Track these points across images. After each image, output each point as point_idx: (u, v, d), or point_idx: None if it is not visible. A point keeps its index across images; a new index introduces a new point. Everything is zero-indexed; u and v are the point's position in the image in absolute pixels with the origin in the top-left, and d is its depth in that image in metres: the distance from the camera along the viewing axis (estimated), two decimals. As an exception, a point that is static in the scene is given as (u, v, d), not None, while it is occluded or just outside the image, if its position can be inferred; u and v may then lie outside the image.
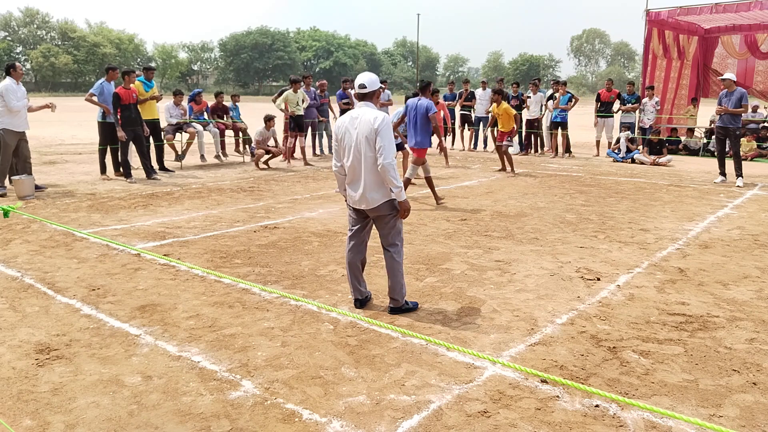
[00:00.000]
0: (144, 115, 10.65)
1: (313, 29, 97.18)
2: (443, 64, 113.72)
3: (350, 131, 4.04)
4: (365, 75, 4.15)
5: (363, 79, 4.11)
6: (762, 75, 15.78)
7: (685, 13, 14.55)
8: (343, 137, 4.08)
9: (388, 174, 3.95)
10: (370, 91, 4.09)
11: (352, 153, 4.04)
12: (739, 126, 9.91)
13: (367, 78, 4.11)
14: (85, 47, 74.84)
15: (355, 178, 4.07)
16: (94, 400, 3.02)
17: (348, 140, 4.05)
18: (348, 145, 4.05)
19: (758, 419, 2.89)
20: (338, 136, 4.13)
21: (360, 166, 4.02)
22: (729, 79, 9.92)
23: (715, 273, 5.19)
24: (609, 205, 8.25)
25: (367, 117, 3.97)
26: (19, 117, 8.68)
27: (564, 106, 13.79)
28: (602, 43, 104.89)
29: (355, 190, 4.09)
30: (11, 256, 5.55)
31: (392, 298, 4.23)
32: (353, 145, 4.02)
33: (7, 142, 8.68)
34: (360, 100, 4.16)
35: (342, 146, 4.11)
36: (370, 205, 4.08)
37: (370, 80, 4.10)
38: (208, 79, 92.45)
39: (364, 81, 4.08)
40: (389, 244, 4.22)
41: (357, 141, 4.00)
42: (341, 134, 4.10)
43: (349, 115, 4.08)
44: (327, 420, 2.86)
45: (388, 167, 3.93)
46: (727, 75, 10.17)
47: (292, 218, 7.34)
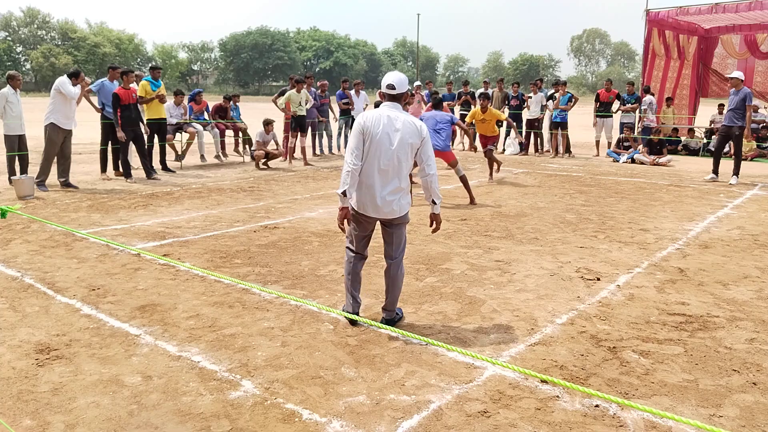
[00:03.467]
0: (151, 114, 10.68)
1: (313, 29, 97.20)
2: (443, 64, 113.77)
3: (389, 133, 3.66)
4: (394, 75, 3.77)
5: (392, 79, 3.74)
6: (762, 75, 15.78)
7: (685, 13, 14.55)
8: (376, 137, 3.66)
9: (433, 185, 3.76)
10: (399, 93, 3.75)
11: (386, 156, 3.66)
12: (743, 125, 9.97)
13: (396, 78, 3.75)
14: (85, 47, 74.88)
15: (383, 184, 3.69)
16: (94, 400, 3.02)
17: (384, 141, 3.65)
18: (383, 146, 3.66)
19: (758, 419, 2.89)
20: (368, 135, 3.68)
21: (396, 171, 3.69)
22: (736, 78, 10.00)
23: (715, 273, 5.19)
24: (609, 205, 8.26)
25: (411, 121, 3.69)
26: (66, 115, 9.05)
27: (564, 106, 13.79)
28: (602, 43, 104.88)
29: (377, 196, 3.70)
30: (11, 256, 5.55)
31: (389, 310, 4.00)
32: (392, 148, 3.65)
33: (52, 138, 9.04)
34: (387, 101, 3.80)
35: (371, 146, 3.67)
36: (396, 214, 3.77)
37: (399, 80, 3.74)
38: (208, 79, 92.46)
39: (393, 81, 3.72)
40: (397, 255, 3.95)
41: (399, 145, 3.65)
42: (374, 133, 3.66)
43: (383, 114, 3.69)
44: (327, 420, 2.86)
45: (435, 178, 3.76)
46: (735, 74, 10.24)
47: (292, 218, 7.34)
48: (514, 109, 14.66)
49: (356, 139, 3.70)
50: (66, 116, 9.05)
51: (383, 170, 3.68)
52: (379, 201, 3.71)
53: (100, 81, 10.26)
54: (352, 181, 3.69)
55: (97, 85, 10.19)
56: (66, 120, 9.05)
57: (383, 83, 3.78)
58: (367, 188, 3.72)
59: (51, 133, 9.03)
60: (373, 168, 3.68)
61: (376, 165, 3.68)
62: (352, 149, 3.69)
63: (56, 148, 9.12)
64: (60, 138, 9.10)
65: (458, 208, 7.99)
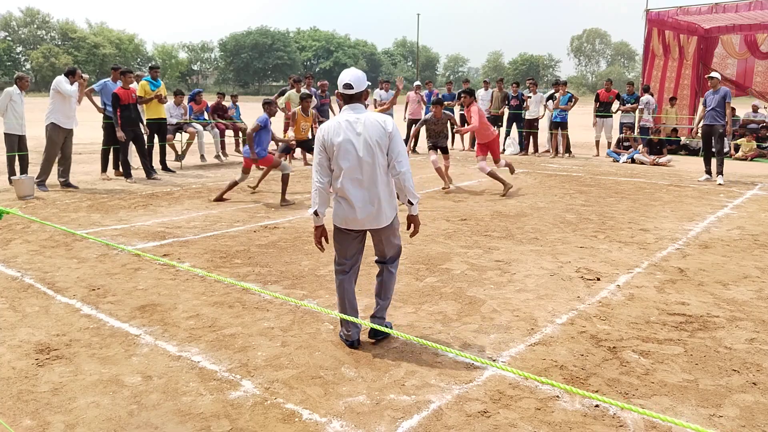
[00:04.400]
0: (150, 114, 10.67)
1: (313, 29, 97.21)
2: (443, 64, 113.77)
3: (351, 138, 3.37)
4: (351, 73, 3.45)
5: (349, 77, 3.42)
6: (762, 75, 15.77)
7: (685, 12, 14.55)
8: (340, 146, 3.37)
9: (407, 183, 3.46)
10: (359, 92, 3.44)
11: (357, 163, 3.37)
12: (724, 124, 10.08)
13: (353, 76, 3.43)
14: (85, 47, 74.90)
15: (364, 193, 3.40)
16: (94, 400, 3.02)
17: (348, 149, 3.36)
18: (349, 155, 3.37)
19: (758, 419, 2.89)
20: (329, 145, 3.39)
21: (374, 177, 3.39)
22: (715, 78, 10.17)
23: (715, 273, 5.19)
24: (609, 205, 8.26)
25: (373, 119, 3.40)
26: (67, 114, 9.05)
27: (564, 106, 13.80)
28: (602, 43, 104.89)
29: (361, 208, 3.41)
30: (11, 256, 5.55)
31: (379, 317, 3.72)
32: (360, 154, 3.37)
33: (53, 138, 9.06)
34: (346, 102, 3.47)
35: (338, 157, 3.39)
36: (383, 223, 3.48)
37: (357, 78, 3.44)
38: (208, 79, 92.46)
39: (350, 80, 3.41)
40: (391, 259, 3.70)
41: (366, 148, 3.36)
42: (335, 143, 3.37)
43: (342, 120, 3.40)
44: (327, 420, 2.86)
45: (408, 175, 3.46)
46: (714, 74, 10.43)
47: (292, 218, 7.34)
48: (513, 109, 14.66)
49: (319, 154, 3.44)
50: (66, 116, 9.07)
51: (357, 180, 3.39)
52: (361, 213, 3.43)
53: (102, 81, 10.31)
54: (321, 200, 3.47)
55: (100, 85, 10.23)
56: (66, 119, 9.07)
57: (339, 83, 3.44)
58: (346, 202, 3.43)
59: (51, 133, 9.04)
60: (346, 180, 3.39)
61: (348, 176, 3.39)
62: (316, 166, 3.45)
63: (57, 148, 9.15)
64: (61, 138, 9.12)
65: (458, 209, 7.99)
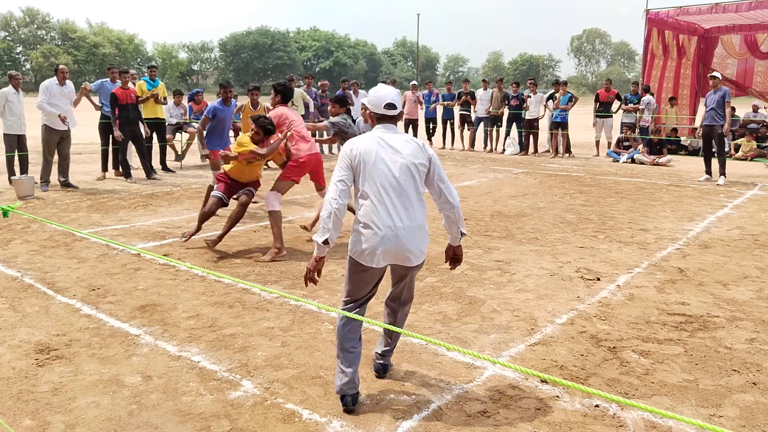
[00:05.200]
0: (147, 114, 10.66)
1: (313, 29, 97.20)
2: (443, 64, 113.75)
3: (385, 157, 2.89)
4: (391, 91, 3.02)
5: (391, 96, 2.99)
6: (762, 75, 15.78)
7: (685, 13, 14.56)
8: (374, 165, 2.88)
9: (459, 214, 3.06)
10: (399, 113, 3.05)
11: (392, 186, 2.87)
12: (723, 124, 10.07)
13: (395, 94, 3.03)
14: (85, 47, 74.91)
15: (397, 222, 2.86)
16: (94, 400, 3.02)
17: (382, 169, 2.87)
18: (383, 176, 2.87)
19: (758, 419, 2.89)
20: (359, 164, 2.90)
21: (410, 204, 2.90)
22: (716, 78, 10.18)
23: (715, 273, 5.19)
24: (609, 205, 8.26)
25: (411, 140, 2.99)
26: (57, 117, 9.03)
27: (564, 106, 13.80)
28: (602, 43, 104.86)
29: (392, 240, 2.86)
30: (11, 256, 5.54)
31: (387, 356, 3.32)
32: (396, 175, 2.88)
33: (47, 139, 9.08)
34: (385, 122, 3.01)
35: (368, 177, 2.88)
36: (417, 260, 2.98)
37: (398, 98, 3.04)
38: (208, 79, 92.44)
39: (394, 99, 2.99)
40: (410, 299, 3.28)
41: (404, 170, 2.89)
42: (366, 161, 2.89)
43: (375, 136, 2.96)
44: (327, 420, 2.86)
45: (460, 209, 3.06)
46: (715, 73, 10.46)
47: (292, 218, 7.34)
48: (513, 109, 14.66)
49: (343, 171, 2.90)
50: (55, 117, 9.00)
51: (390, 206, 2.87)
52: (393, 246, 2.86)
53: (100, 81, 10.32)
54: (336, 225, 2.83)
55: (97, 85, 10.24)
56: (58, 120, 9.02)
57: (378, 101, 2.99)
58: (373, 232, 2.86)
59: (45, 135, 9.07)
60: (376, 205, 2.87)
61: (379, 200, 2.87)
62: (337, 183, 2.87)
63: (52, 148, 9.14)
64: (55, 139, 9.10)
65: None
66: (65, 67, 9.33)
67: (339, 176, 2.90)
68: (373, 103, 3.01)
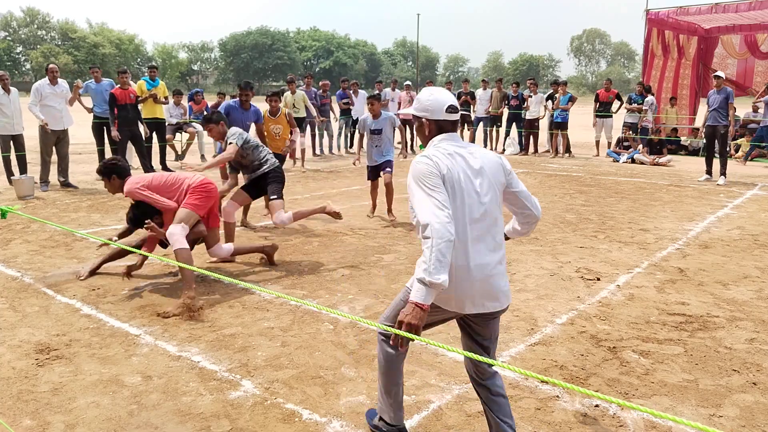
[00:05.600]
0: (145, 114, 10.65)
1: (313, 29, 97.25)
2: (443, 64, 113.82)
3: (471, 176, 2.34)
4: (447, 92, 2.48)
5: (451, 97, 2.46)
6: (762, 75, 15.77)
7: (685, 12, 14.56)
8: (461, 186, 2.31)
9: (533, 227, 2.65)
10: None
11: (479, 212, 2.32)
12: (726, 124, 10.06)
13: (452, 96, 2.48)
14: (85, 47, 74.93)
15: (485, 256, 2.32)
16: (94, 400, 3.02)
17: (469, 191, 2.32)
18: (470, 200, 2.31)
19: (758, 419, 2.89)
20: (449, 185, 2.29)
21: (497, 232, 2.39)
22: (720, 78, 10.14)
23: (715, 273, 5.19)
24: (609, 205, 8.25)
25: (488, 153, 2.44)
26: (52, 115, 9.03)
27: (564, 106, 13.80)
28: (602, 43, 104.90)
29: (482, 279, 2.31)
30: (11, 256, 5.54)
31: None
32: (483, 200, 2.34)
33: (43, 140, 9.09)
34: (449, 131, 2.44)
35: (453, 203, 2.28)
36: (507, 301, 2.42)
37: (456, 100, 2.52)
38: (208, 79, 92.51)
39: (454, 101, 2.46)
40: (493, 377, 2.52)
41: (490, 191, 2.37)
42: (454, 180, 2.30)
43: (452, 152, 2.35)
44: (327, 420, 2.86)
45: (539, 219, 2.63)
46: (719, 73, 10.44)
47: (292, 218, 7.33)
48: (513, 109, 14.66)
49: (437, 188, 2.23)
50: (53, 116, 9.03)
51: (479, 236, 2.32)
52: (481, 286, 2.31)
53: (85, 83, 10.30)
54: (444, 264, 2.12)
55: (84, 87, 10.21)
56: (54, 120, 9.03)
57: (439, 105, 2.41)
58: (466, 271, 2.29)
59: (42, 135, 9.08)
60: (465, 235, 2.29)
61: (469, 231, 2.30)
62: (438, 204, 2.19)
63: (49, 149, 9.17)
64: (51, 139, 9.10)
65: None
66: (55, 66, 9.29)
67: (436, 198, 2.20)
68: (430, 108, 2.42)
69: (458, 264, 2.28)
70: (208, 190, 4.73)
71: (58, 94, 9.09)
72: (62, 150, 9.26)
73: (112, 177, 4.81)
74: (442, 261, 2.11)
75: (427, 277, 2.10)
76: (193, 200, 4.62)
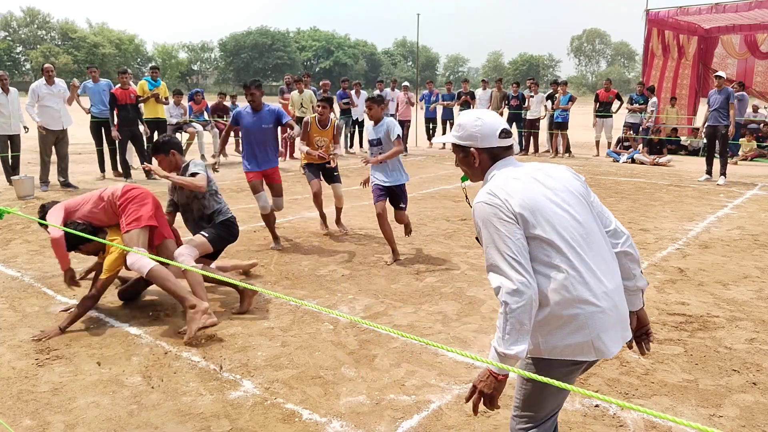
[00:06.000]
0: (148, 113, 10.67)
1: (313, 29, 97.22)
2: (443, 64, 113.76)
3: (549, 195, 1.97)
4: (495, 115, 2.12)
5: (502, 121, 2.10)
6: (762, 75, 15.78)
7: (685, 13, 14.55)
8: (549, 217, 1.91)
9: (635, 249, 2.10)
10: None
11: (580, 234, 1.93)
12: (727, 125, 10.06)
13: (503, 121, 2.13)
14: (85, 47, 74.91)
15: (602, 285, 1.91)
16: (94, 400, 3.02)
17: (562, 218, 1.93)
18: (564, 222, 1.92)
19: (758, 419, 2.89)
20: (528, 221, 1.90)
21: (607, 254, 1.98)
22: (721, 78, 10.15)
23: (715, 273, 5.19)
24: (609, 205, 8.24)
25: (551, 166, 2.13)
26: (50, 115, 9.01)
27: (564, 106, 13.80)
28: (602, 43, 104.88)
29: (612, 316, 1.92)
30: (11, 256, 5.54)
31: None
32: (580, 218, 1.96)
33: (42, 140, 9.10)
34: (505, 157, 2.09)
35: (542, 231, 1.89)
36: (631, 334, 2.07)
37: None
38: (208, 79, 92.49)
39: (505, 124, 2.11)
40: None
41: (580, 206, 2.00)
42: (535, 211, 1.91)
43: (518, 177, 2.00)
44: (327, 420, 2.86)
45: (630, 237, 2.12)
46: (720, 73, 10.44)
47: (292, 218, 7.34)
48: (513, 109, 14.66)
49: (510, 238, 1.86)
50: (51, 117, 9.03)
51: (593, 262, 1.93)
52: (618, 319, 1.95)
53: (83, 83, 10.30)
54: (528, 325, 1.83)
55: (81, 87, 10.21)
56: (52, 120, 9.03)
57: (491, 130, 2.05)
58: (595, 307, 1.88)
59: (40, 135, 9.08)
60: (578, 268, 1.89)
61: (579, 259, 1.90)
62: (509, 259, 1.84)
63: (48, 149, 9.17)
64: (50, 139, 9.10)
65: (459, 208, 7.99)
66: (50, 66, 9.29)
67: (510, 244, 1.85)
68: (479, 135, 2.05)
69: (586, 302, 1.87)
70: (136, 196, 4.07)
71: (56, 94, 9.07)
72: (61, 150, 9.25)
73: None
74: (519, 330, 1.80)
75: (500, 347, 1.82)
76: (129, 218, 3.97)
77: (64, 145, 9.30)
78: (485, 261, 1.92)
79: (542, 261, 1.89)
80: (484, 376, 1.88)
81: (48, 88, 9.02)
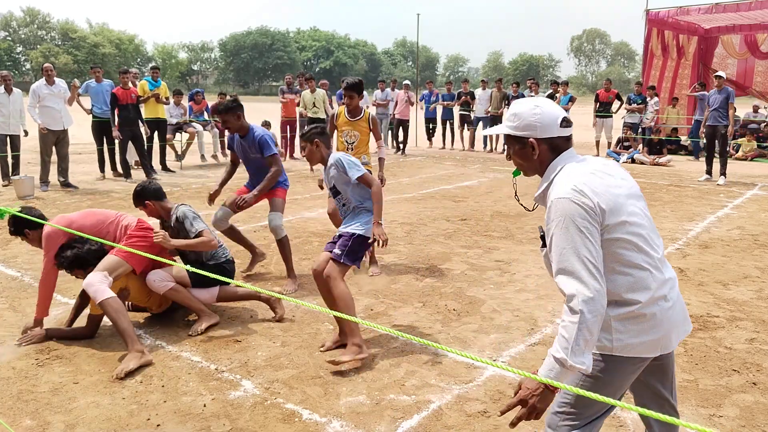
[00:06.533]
0: (147, 113, 10.67)
1: (313, 29, 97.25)
2: (443, 64, 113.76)
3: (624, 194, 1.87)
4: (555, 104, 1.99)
5: (561, 109, 1.95)
6: (762, 75, 15.77)
7: (685, 12, 14.55)
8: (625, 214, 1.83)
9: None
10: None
11: (650, 236, 1.89)
12: (726, 125, 10.06)
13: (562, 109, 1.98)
14: (85, 47, 74.94)
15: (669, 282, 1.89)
16: (94, 400, 3.02)
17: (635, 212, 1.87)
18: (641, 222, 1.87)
19: (758, 419, 2.89)
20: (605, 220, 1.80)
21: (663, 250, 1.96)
22: (721, 78, 10.17)
23: (715, 273, 5.19)
24: (609, 205, 8.25)
25: (617, 165, 2.01)
26: (51, 116, 9.01)
27: (565, 106, 13.80)
28: (602, 43, 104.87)
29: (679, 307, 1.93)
30: (11, 256, 5.54)
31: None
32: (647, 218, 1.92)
33: (43, 140, 9.10)
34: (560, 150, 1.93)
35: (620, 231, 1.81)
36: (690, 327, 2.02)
37: None
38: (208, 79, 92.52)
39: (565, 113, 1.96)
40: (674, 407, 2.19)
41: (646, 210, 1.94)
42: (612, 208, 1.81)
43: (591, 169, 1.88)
44: (327, 420, 2.86)
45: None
46: (720, 73, 10.45)
47: (292, 218, 7.34)
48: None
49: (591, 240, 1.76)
50: (51, 117, 9.05)
51: (661, 259, 1.91)
52: (679, 307, 1.94)
53: (85, 83, 10.31)
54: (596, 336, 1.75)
55: (83, 86, 10.22)
56: (52, 121, 9.04)
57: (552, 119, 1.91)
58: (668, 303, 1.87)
59: (41, 135, 9.09)
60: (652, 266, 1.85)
61: (653, 257, 1.87)
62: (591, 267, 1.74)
63: (49, 149, 9.18)
64: (51, 139, 9.11)
65: (458, 208, 7.99)
66: (50, 65, 9.29)
67: (590, 247, 1.75)
68: (538, 125, 1.91)
69: (661, 300, 1.85)
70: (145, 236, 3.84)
71: (56, 94, 9.08)
72: (62, 150, 9.26)
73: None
74: (588, 341, 1.72)
75: (569, 359, 1.70)
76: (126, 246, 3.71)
77: (65, 145, 9.31)
78: (555, 262, 1.78)
79: (625, 261, 1.82)
80: (537, 390, 1.80)
81: (49, 88, 9.03)
